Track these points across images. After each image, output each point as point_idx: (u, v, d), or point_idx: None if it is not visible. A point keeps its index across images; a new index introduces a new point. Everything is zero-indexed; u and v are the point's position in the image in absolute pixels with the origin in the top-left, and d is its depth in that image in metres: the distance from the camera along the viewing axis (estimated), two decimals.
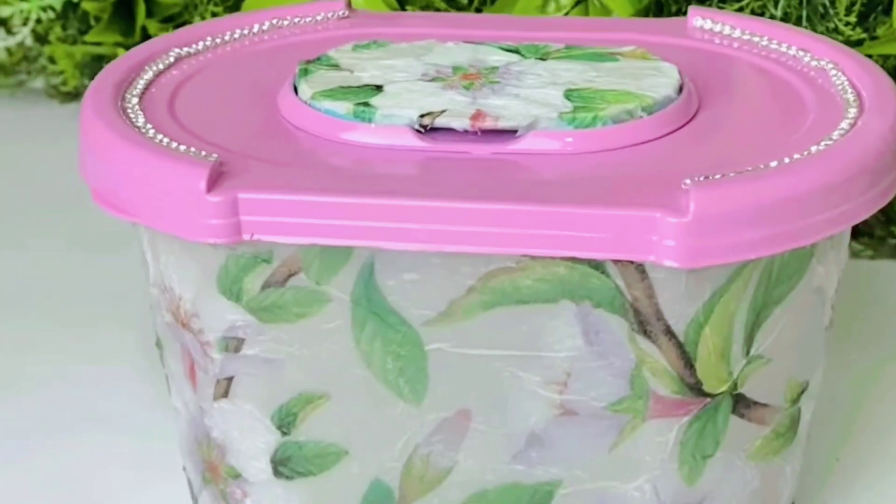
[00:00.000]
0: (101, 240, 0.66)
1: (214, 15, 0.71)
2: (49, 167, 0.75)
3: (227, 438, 0.44)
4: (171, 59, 0.48)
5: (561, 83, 0.44)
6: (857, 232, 0.66)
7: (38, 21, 0.78)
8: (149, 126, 0.43)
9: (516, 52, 0.47)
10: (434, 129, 0.42)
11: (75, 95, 0.82)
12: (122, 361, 0.57)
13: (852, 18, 0.61)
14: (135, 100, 0.45)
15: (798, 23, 0.62)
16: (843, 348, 0.58)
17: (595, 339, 0.40)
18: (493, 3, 0.66)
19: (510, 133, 0.42)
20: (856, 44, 0.61)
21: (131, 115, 0.43)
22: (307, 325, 0.41)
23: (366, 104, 0.43)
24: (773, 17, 0.62)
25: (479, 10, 0.66)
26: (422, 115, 0.42)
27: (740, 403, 0.42)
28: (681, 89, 0.44)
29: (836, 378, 0.55)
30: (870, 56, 0.61)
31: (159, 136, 0.42)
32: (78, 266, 0.65)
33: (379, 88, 0.44)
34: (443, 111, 0.42)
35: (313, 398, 0.42)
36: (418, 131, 0.42)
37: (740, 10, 0.62)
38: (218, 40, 0.50)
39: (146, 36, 0.74)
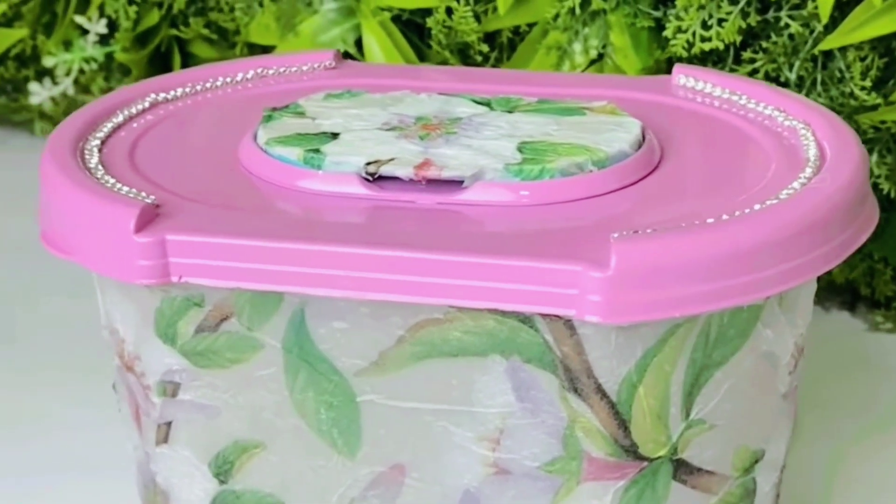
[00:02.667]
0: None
1: None
2: None
3: (170, 485, 0.43)
4: (147, 105, 0.48)
5: (518, 135, 0.43)
6: (876, 304, 0.64)
7: (81, 72, 0.79)
8: (99, 167, 0.43)
9: (487, 104, 0.46)
10: (382, 178, 0.42)
11: None
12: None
13: (867, 83, 0.59)
14: (96, 141, 0.45)
15: (813, 87, 0.61)
16: (858, 420, 0.56)
17: (526, 395, 0.39)
18: (509, 60, 0.65)
19: (457, 184, 0.41)
20: (871, 108, 0.59)
21: (87, 156, 0.44)
22: (240, 371, 0.41)
23: (316, 151, 0.42)
24: (787, 80, 0.61)
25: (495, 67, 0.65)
26: (368, 163, 0.42)
27: (682, 469, 0.40)
28: (640, 145, 0.43)
29: (849, 455, 0.53)
30: (884, 122, 0.59)
31: (107, 178, 0.42)
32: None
33: (335, 136, 0.44)
34: (390, 159, 0.42)
35: (249, 447, 0.42)
36: (366, 179, 0.42)
37: (754, 71, 0.61)
38: (199, 87, 0.50)
39: None
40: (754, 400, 0.41)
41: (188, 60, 0.75)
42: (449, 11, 0.64)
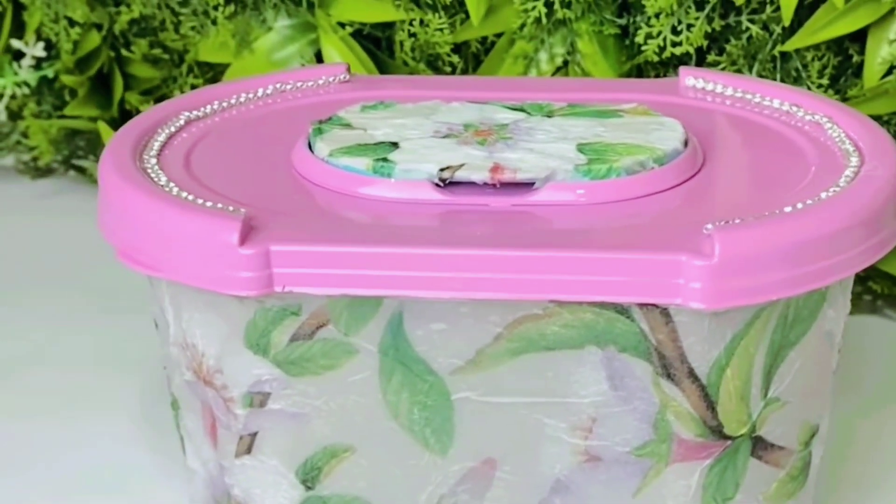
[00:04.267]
0: (77, 312, 0.66)
1: (194, 87, 0.72)
2: (21, 243, 0.75)
3: (249, 496, 0.44)
4: (182, 122, 0.49)
5: (571, 138, 0.45)
6: None
7: (13, 97, 0.78)
8: (171, 184, 0.43)
9: (522, 110, 0.48)
10: (452, 183, 0.43)
11: (47, 171, 0.82)
12: (127, 430, 0.56)
13: (825, 81, 0.63)
14: (153, 160, 0.45)
15: None
16: None
17: (620, 383, 0.41)
18: (476, 69, 0.67)
19: (527, 186, 0.43)
20: None
21: (152, 175, 0.44)
22: (334, 377, 0.41)
23: (385, 160, 0.43)
24: None
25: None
26: (441, 169, 0.43)
27: (758, 446, 0.42)
28: (686, 142, 0.45)
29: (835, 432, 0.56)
30: None
31: (184, 194, 0.42)
32: (56, 337, 0.64)
33: (395, 145, 0.45)
34: (461, 165, 0.43)
35: (338, 451, 0.42)
36: (437, 185, 0.43)
37: None
38: (225, 104, 0.50)
39: (124, 109, 0.74)
40: (815, 377, 0.44)
41: (131, 83, 0.75)
42: (422, 23, 0.65)
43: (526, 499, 0.42)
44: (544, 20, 0.65)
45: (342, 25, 0.67)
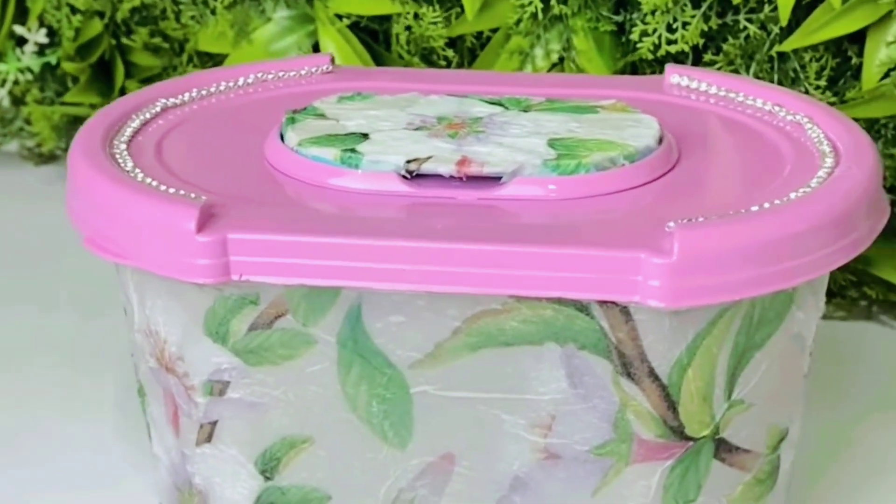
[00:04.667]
0: (76, 300, 0.66)
1: None
2: (24, 229, 0.75)
3: (210, 485, 0.44)
4: (158, 109, 0.48)
5: (544, 132, 0.45)
6: (830, 293, 0.67)
7: (16, 83, 0.78)
8: (137, 170, 0.43)
9: (500, 104, 0.48)
10: (420, 176, 0.42)
11: (51, 158, 0.82)
12: (99, 418, 0.56)
13: (822, 82, 0.62)
14: (123, 146, 0.45)
15: None
16: (813, 407, 0.58)
17: (579, 381, 0.40)
18: (472, 64, 0.67)
19: (495, 180, 0.42)
20: None
21: (119, 161, 0.44)
22: (293, 367, 0.41)
23: (352, 150, 0.43)
24: None
25: None
26: (408, 161, 0.42)
27: (722, 448, 0.42)
28: (661, 140, 0.45)
29: (806, 436, 0.56)
30: None
31: (148, 180, 0.42)
32: (52, 325, 0.64)
33: (365, 136, 0.44)
34: (429, 157, 0.43)
35: (297, 442, 0.42)
36: (404, 177, 0.42)
37: None
38: (204, 92, 0.50)
39: None
40: (784, 380, 0.43)
41: (132, 71, 0.75)
42: (416, 16, 0.65)
43: (485, 495, 0.42)
44: (540, 16, 0.64)
45: (340, 17, 0.67)
